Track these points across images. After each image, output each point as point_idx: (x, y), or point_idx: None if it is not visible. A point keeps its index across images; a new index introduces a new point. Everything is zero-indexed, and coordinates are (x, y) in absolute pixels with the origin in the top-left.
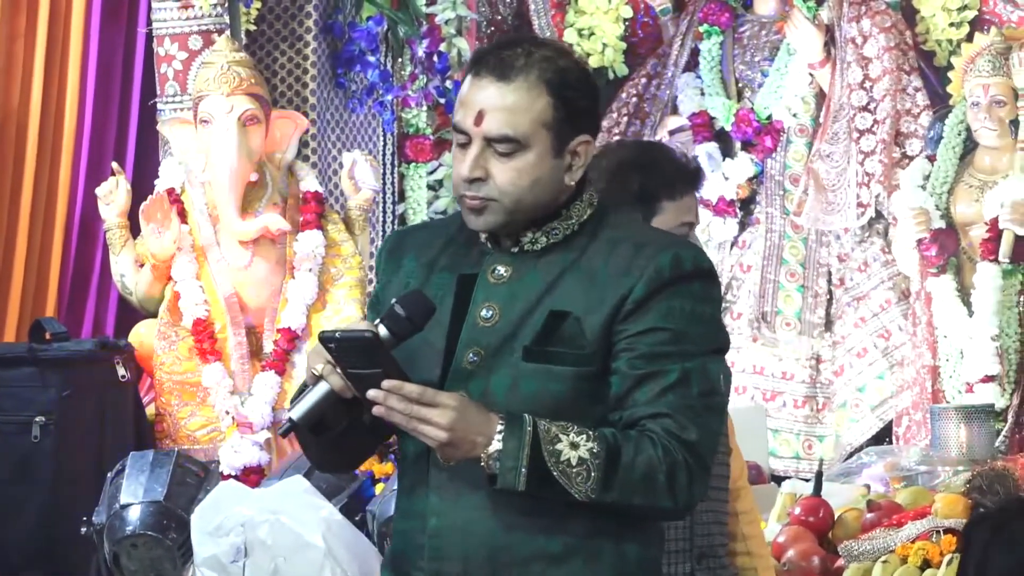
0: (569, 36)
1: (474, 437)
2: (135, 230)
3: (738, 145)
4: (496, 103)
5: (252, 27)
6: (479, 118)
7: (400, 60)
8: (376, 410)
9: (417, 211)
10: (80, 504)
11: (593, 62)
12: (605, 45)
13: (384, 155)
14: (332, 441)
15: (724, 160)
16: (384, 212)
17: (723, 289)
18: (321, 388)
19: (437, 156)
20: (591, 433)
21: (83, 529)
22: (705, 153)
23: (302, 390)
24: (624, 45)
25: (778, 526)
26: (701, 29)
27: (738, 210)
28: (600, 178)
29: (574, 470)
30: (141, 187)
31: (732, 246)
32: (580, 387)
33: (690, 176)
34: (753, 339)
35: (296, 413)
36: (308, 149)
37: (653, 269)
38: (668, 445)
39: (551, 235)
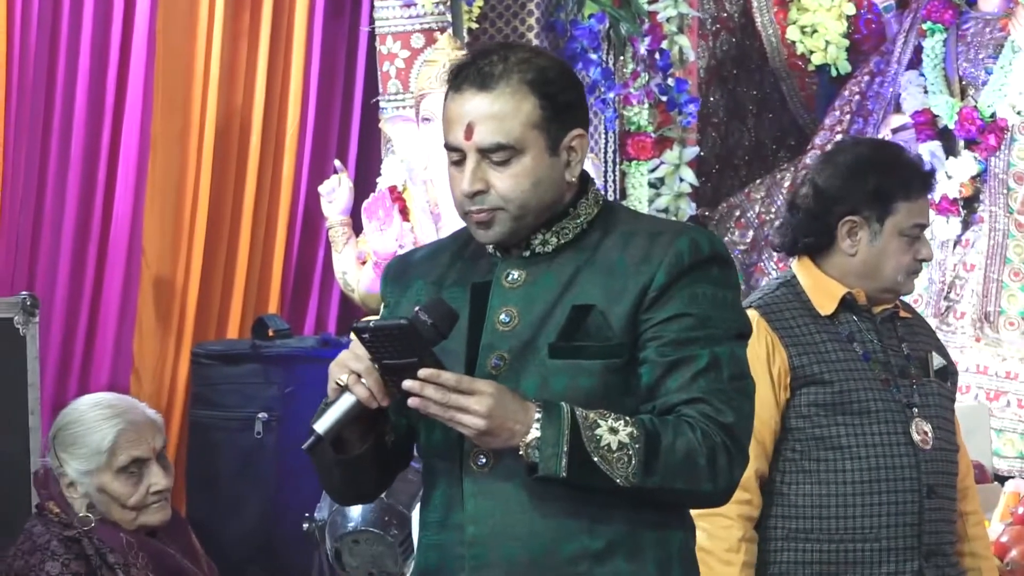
0: (792, 33)
1: (512, 425)
2: (357, 228)
3: (961, 143)
4: (483, 113)
5: (474, 25)
6: (469, 131)
7: (622, 58)
8: (412, 401)
9: (639, 208)
10: (302, 500)
11: (816, 59)
12: (828, 42)
13: (606, 153)
14: (354, 465)
15: (947, 158)
16: None
17: (946, 288)
18: (346, 399)
19: (659, 154)
20: (628, 419)
21: (305, 526)
22: (928, 151)
23: (324, 408)
24: (847, 42)
25: (1001, 526)
26: (924, 26)
27: (961, 209)
28: (835, 174)
29: (615, 455)
30: (363, 185)
31: (955, 245)
32: (609, 380)
33: (925, 178)
34: (976, 339)
35: (322, 426)
36: None
37: (672, 255)
38: (706, 428)
39: (561, 235)
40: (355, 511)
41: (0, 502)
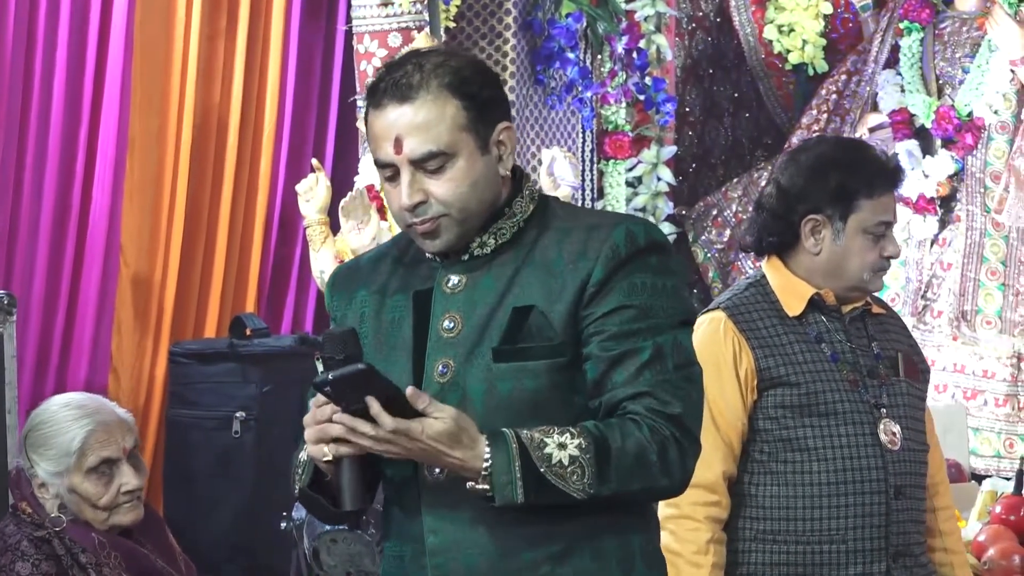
0: (769, 32)
1: (451, 459)
2: (335, 226)
3: (938, 142)
4: (409, 124)
5: (451, 24)
6: (398, 145)
7: (599, 57)
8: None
9: (616, 208)
10: (279, 499)
11: (793, 58)
12: (805, 41)
13: (583, 152)
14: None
15: (924, 157)
16: None
17: (923, 287)
18: (347, 465)
19: (636, 153)
20: (574, 430)
21: (283, 524)
22: (905, 151)
23: (313, 476)
24: (824, 41)
25: (979, 525)
26: (901, 25)
27: (938, 208)
28: (797, 173)
29: (568, 470)
30: (340, 183)
31: (932, 244)
32: (556, 379)
33: (889, 175)
34: (953, 338)
35: (353, 503)
36: None
37: (608, 248)
38: (654, 423)
39: (499, 235)
40: None
41: None
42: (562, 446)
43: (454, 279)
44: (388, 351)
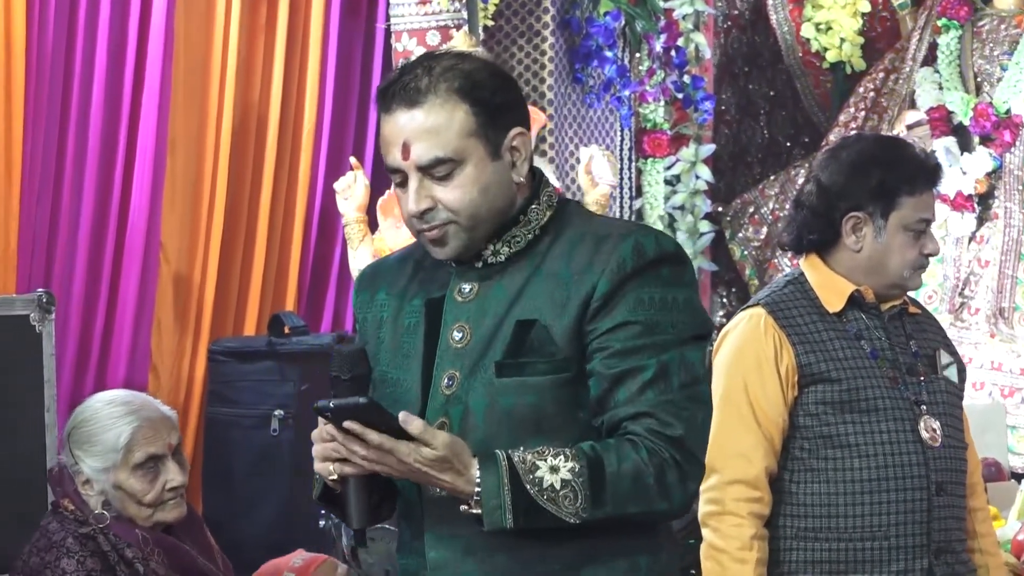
0: (807, 31)
1: (443, 481)
2: (373, 225)
3: (976, 139)
4: (417, 129)
5: (490, 22)
6: (406, 150)
7: (637, 55)
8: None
9: (654, 206)
10: None
11: (831, 56)
12: (843, 40)
13: (621, 150)
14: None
15: (962, 155)
16: (621, 207)
17: (960, 285)
18: (354, 485)
19: (675, 151)
20: (569, 452)
21: (321, 523)
22: (943, 148)
23: (325, 492)
24: (862, 40)
25: (1018, 524)
26: (940, 23)
27: (976, 205)
28: (839, 171)
29: (560, 494)
30: (379, 182)
31: (970, 241)
32: (559, 395)
33: (930, 172)
34: (991, 335)
35: (358, 522)
36: (545, 144)
37: (615, 261)
38: (652, 446)
39: (513, 243)
40: None
41: (17, 499)
42: (554, 469)
43: (466, 287)
44: (402, 359)
